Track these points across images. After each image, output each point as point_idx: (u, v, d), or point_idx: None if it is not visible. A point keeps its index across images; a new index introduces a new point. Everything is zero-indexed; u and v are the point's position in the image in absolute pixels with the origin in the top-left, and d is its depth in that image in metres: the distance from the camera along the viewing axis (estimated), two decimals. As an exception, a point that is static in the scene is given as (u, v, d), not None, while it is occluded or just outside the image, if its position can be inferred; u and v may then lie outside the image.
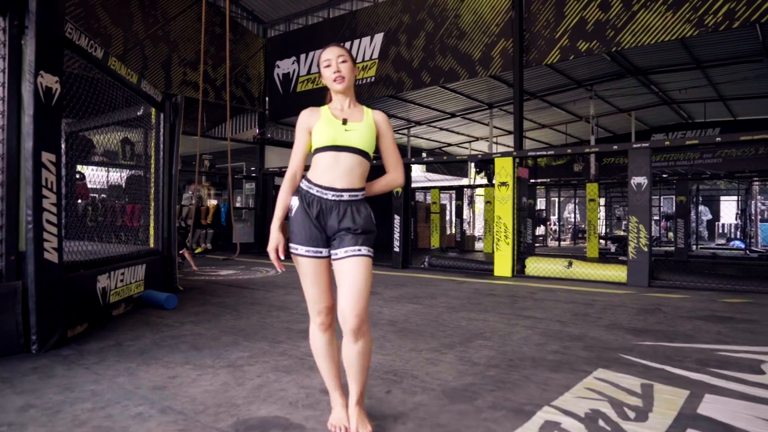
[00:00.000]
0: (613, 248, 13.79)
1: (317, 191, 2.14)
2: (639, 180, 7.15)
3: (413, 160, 10.16)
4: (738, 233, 20.60)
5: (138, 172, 6.44)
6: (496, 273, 8.39)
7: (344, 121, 2.16)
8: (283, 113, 14.56)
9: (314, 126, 2.18)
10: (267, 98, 14.72)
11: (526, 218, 9.11)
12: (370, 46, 12.40)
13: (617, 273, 7.45)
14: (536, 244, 16.44)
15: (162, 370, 2.99)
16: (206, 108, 12.25)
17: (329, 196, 2.11)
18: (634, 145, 7.25)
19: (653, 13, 8.66)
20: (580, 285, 7.18)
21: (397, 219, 9.49)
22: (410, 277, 8.09)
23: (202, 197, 13.44)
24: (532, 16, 9.94)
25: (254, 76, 14.65)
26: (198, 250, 11.99)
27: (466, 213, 19.47)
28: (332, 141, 2.13)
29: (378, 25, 12.27)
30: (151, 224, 6.13)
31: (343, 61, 2.19)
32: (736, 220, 20.76)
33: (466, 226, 18.81)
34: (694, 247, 13.76)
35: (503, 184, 8.43)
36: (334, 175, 2.12)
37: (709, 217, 23.83)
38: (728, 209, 23.53)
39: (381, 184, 2.28)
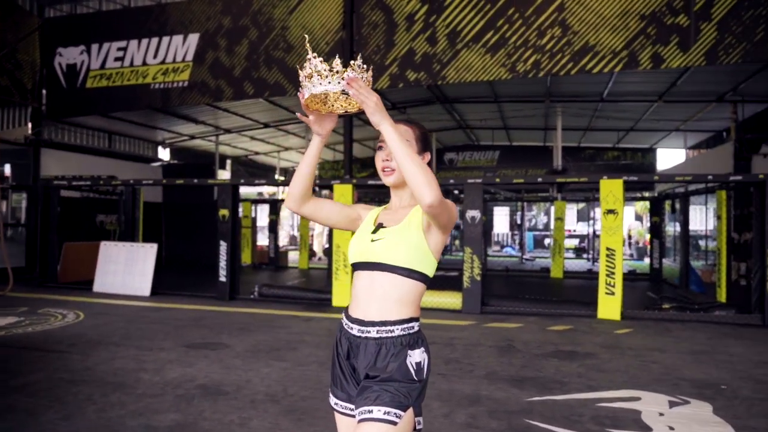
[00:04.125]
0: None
1: (345, 323, 1.64)
2: (473, 213, 7.63)
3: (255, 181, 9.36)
4: (510, 241, 23.96)
5: None
6: (335, 303, 8.14)
7: (377, 227, 1.63)
8: (66, 111, 12.19)
9: (357, 227, 1.70)
10: (44, 91, 12.15)
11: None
12: (183, 46, 11.09)
13: (452, 300, 7.83)
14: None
15: None
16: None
17: (355, 331, 1.61)
18: (469, 180, 7.71)
19: (474, 54, 9.36)
20: (423, 315, 7.34)
21: (223, 246, 8.59)
22: (246, 314, 7.36)
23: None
24: (363, 40, 9.96)
25: (26, 63, 11.95)
26: (-54, 284, 9.27)
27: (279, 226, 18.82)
28: (358, 256, 1.63)
29: (193, 25, 11.04)
30: None
31: None
32: (509, 230, 24.08)
33: (282, 240, 18.13)
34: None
35: (343, 211, 8.22)
36: (361, 302, 1.61)
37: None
38: (500, 219, 27.16)
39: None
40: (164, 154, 17.24)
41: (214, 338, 5.78)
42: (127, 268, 9.06)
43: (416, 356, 1.56)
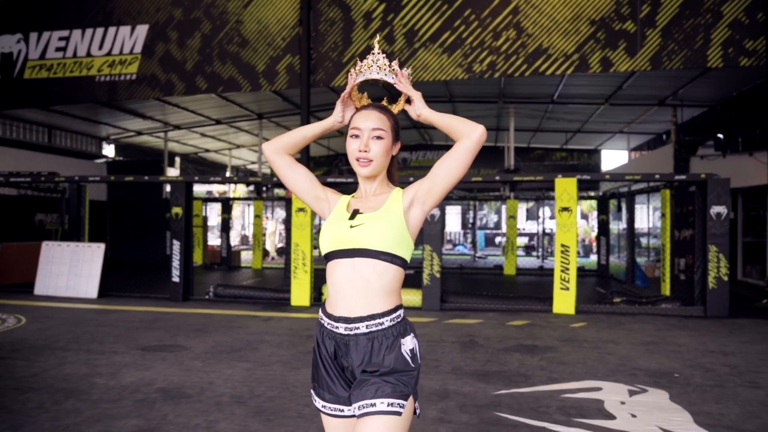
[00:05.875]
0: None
1: (327, 323, 1.57)
2: (433, 211, 7.67)
3: (210, 178, 9.07)
4: (462, 239, 24.36)
5: None
6: (294, 302, 8.02)
7: (353, 214, 1.58)
8: (1, 103, 11.48)
9: (326, 215, 1.65)
10: (-24, 82, 11.39)
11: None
12: (131, 38, 10.64)
13: (411, 297, 7.86)
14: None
15: None
16: None
17: (341, 329, 1.54)
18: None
19: (432, 54, 9.44)
20: (383, 313, 7.34)
21: (176, 245, 8.31)
22: (202, 314, 7.14)
23: None
24: (320, 36, 9.87)
25: (-45, 51, 11.17)
26: None
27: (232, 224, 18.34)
28: (335, 243, 1.56)
29: (142, 16, 10.61)
30: None
31: (378, 137, 1.58)
32: (461, 228, 24.46)
33: (232, 240, 17.67)
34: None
35: (301, 210, 8.12)
36: (342, 297, 1.55)
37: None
38: (452, 218, 27.55)
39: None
40: (109, 150, 16.51)
41: (170, 340, 5.58)
42: (72, 270, 8.61)
43: (408, 343, 1.55)
